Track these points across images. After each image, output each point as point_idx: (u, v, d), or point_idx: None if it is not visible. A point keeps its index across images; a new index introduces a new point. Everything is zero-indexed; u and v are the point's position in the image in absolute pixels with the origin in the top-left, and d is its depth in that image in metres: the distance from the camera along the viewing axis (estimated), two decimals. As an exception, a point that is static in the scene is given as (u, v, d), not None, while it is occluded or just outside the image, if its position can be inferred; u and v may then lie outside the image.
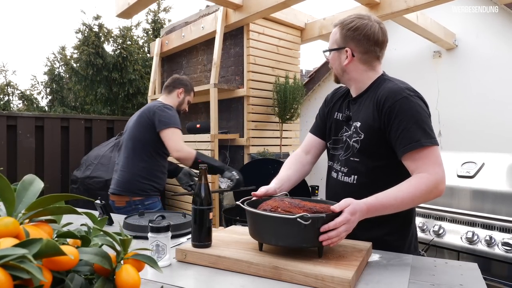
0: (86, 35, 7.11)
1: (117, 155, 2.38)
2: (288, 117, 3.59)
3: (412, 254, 1.23)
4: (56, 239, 0.67)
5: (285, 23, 3.84)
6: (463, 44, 3.99)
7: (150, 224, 1.07)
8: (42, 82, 8.68)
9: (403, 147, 1.16)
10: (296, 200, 1.09)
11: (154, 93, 4.52)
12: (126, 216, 1.59)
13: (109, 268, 0.66)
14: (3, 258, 0.50)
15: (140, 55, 7.63)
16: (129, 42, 7.55)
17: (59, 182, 4.15)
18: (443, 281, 0.97)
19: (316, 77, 5.25)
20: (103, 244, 0.72)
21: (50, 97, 8.71)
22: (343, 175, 1.33)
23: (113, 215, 1.68)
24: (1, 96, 8.45)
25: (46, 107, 8.66)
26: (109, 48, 7.41)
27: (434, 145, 1.14)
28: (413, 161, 1.15)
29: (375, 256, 1.14)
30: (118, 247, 0.70)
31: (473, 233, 2.10)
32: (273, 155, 3.56)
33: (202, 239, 1.10)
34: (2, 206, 0.64)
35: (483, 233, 2.09)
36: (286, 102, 3.50)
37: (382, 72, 1.35)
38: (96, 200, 1.59)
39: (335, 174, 1.38)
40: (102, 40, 7.22)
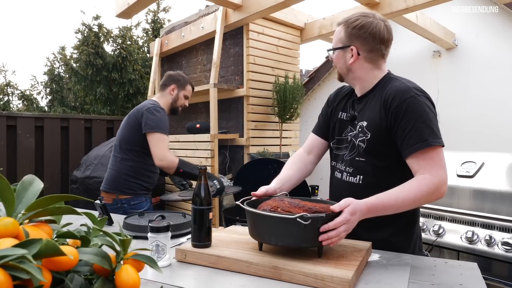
0: (85, 35, 7.11)
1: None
2: (288, 117, 3.59)
3: (416, 255, 1.23)
4: (55, 239, 0.67)
5: (284, 23, 3.84)
6: (463, 44, 3.99)
7: (149, 224, 1.07)
8: (42, 82, 8.69)
9: (410, 147, 1.15)
10: (296, 200, 1.09)
11: (154, 93, 4.52)
12: (126, 216, 1.59)
13: (108, 268, 0.66)
14: (3, 259, 0.50)
15: (140, 55, 7.63)
16: (128, 42, 7.55)
17: (59, 182, 4.15)
18: (443, 280, 0.97)
19: (316, 77, 5.25)
20: (102, 244, 0.72)
21: (50, 97, 8.72)
22: (348, 175, 1.32)
23: (113, 215, 1.68)
24: (1, 96, 8.45)
25: (46, 107, 8.67)
26: (108, 48, 7.42)
27: (440, 146, 1.14)
28: (417, 161, 1.14)
29: (375, 256, 1.14)
30: (118, 247, 0.70)
31: (473, 233, 2.10)
32: (273, 155, 3.56)
33: (202, 239, 1.10)
34: (2, 206, 0.64)
35: (483, 233, 2.09)
36: (286, 102, 3.50)
37: (387, 70, 1.34)
38: (95, 201, 1.59)
39: (339, 174, 1.37)
40: (101, 40, 7.22)
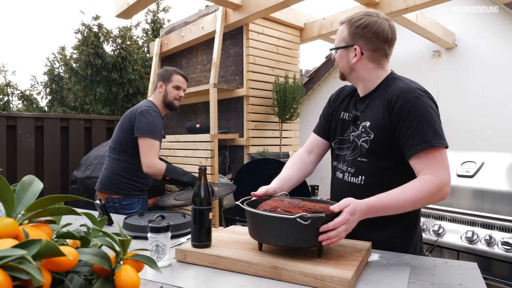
0: (85, 35, 7.11)
1: None
2: (287, 117, 3.59)
3: (417, 255, 1.22)
4: (55, 240, 0.67)
5: (284, 23, 3.84)
6: (463, 44, 3.99)
7: (149, 224, 1.07)
8: (42, 82, 8.69)
9: (413, 148, 1.14)
10: (296, 200, 1.09)
11: (154, 93, 4.52)
12: (125, 216, 1.59)
13: (108, 268, 0.66)
14: (3, 259, 0.50)
15: (140, 55, 7.63)
16: (128, 42, 7.55)
17: (59, 182, 4.15)
18: (442, 280, 0.97)
19: (316, 76, 5.25)
20: (102, 245, 0.72)
21: (49, 97, 8.73)
22: (350, 175, 1.31)
23: (113, 215, 1.68)
24: (1, 97, 8.45)
25: (46, 107, 8.67)
26: (108, 48, 7.42)
27: (443, 147, 1.13)
28: (420, 162, 1.13)
29: (375, 256, 1.14)
30: (118, 248, 0.70)
31: (473, 233, 2.10)
32: (272, 155, 3.56)
33: (202, 239, 1.10)
34: (2, 207, 0.64)
35: (483, 233, 2.09)
36: (286, 102, 3.50)
37: (390, 70, 1.33)
38: (95, 201, 1.59)
39: (340, 174, 1.36)
40: (101, 40, 7.22)
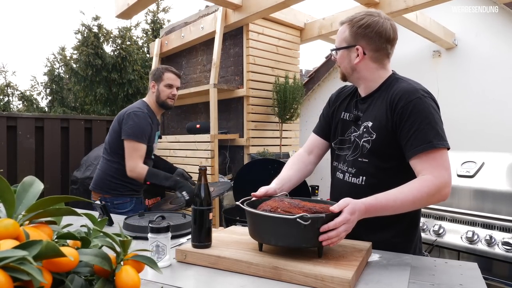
0: (85, 35, 7.12)
1: None
2: (288, 117, 3.59)
3: (418, 255, 1.22)
4: (56, 240, 0.67)
5: (284, 23, 3.84)
6: (463, 44, 3.99)
7: (150, 225, 1.07)
8: (42, 82, 8.71)
9: (414, 148, 1.14)
10: (296, 201, 1.09)
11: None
12: (126, 216, 1.60)
13: (109, 269, 0.66)
14: (3, 260, 0.50)
15: (140, 56, 7.64)
16: (128, 43, 7.56)
17: (59, 182, 4.15)
18: (443, 281, 0.97)
19: (316, 77, 5.25)
20: (103, 245, 0.72)
21: (50, 97, 8.74)
22: (351, 176, 1.30)
23: (113, 215, 1.68)
24: (1, 97, 8.46)
25: (46, 108, 8.68)
26: (108, 48, 7.43)
27: (444, 148, 1.13)
28: (420, 162, 1.13)
29: (375, 256, 1.14)
30: (118, 248, 0.71)
31: (473, 233, 2.10)
32: (273, 155, 3.56)
33: (202, 239, 1.10)
34: (2, 207, 0.65)
35: (483, 233, 2.09)
36: (286, 102, 3.50)
37: (392, 70, 1.33)
38: (96, 201, 1.59)
39: (341, 175, 1.35)
40: (101, 40, 7.23)
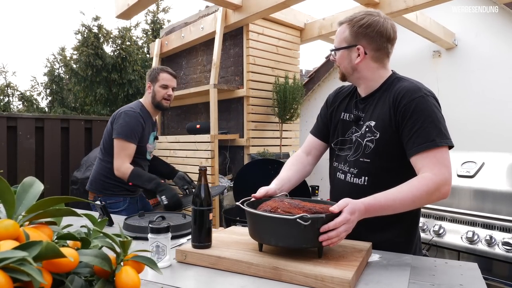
0: (85, 36, 7.12)
1: None
2: (288, 117, 3.59)
3: (418, 255, 1.22)
4: (56, 241, 0.67)
5: (284, 23, 3.84)
6: (463, 44, 3.99)
7: (150, 225, 1.07)
8: (42, 83, 8.71)
9: (416, 146, 1.13)
10: (296, 201, 1.09)
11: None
12: (126, 217, 1.60)
13: (109, 269, 0.66)
14: (3, 261, 0.50)
15: (140, 56, 7.64)
16: (128, 43, 7.56)
17: (59, 183, 4.15)
18: (443, 281, 0.97)
19: (316, 77, 5.25)
20: (103, 246, 0.72)
21: (50, 98, 8.74)
22: (353, 176, 1.30)
23: (113, 216, 1.68)
24: (1, 97, 8.46)
25: (46, 108, 8.68)
26: (108, 49, 7.43)
27: (446, 146, 1.13)
28: (420, 160, 1.13)
29: (375, 256, 1.14)
30: (118, 249, 0.71)
31: (474, 233, 2.10)
32: (273, 155, 3.56)
33: (202, 239, 1.10)
34: (2, 208, 0.65)
35: (483, 233, 2.09)
36: (286, 102, 3.50)
37: (391, 70, 1.33)
38: (95, 202, 1.59)
39: (342, 175, 1.35)
40: (101, 41, 7.23)
